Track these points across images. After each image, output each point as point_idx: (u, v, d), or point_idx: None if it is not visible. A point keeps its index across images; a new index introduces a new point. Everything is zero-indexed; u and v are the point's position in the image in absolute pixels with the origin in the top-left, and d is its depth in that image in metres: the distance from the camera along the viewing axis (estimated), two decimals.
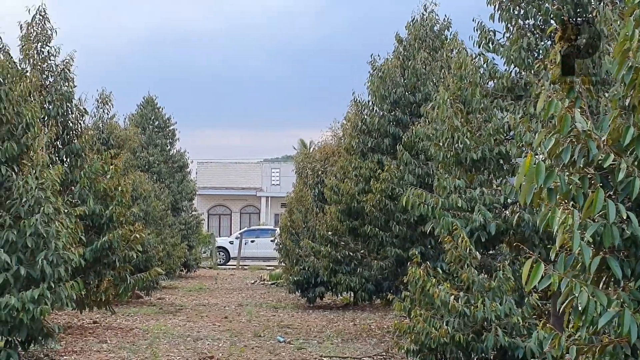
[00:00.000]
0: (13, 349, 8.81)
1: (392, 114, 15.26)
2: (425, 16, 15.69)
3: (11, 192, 9.32)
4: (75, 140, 14.08)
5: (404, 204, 9.70)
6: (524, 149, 8.76)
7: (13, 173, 9.50)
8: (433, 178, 12.04)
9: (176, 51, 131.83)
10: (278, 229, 26.09)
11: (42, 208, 9.04)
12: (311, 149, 26.50)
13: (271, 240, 25.76)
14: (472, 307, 8.07)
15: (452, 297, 8.19)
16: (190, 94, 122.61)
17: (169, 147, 29.39)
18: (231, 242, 36.91)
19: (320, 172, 20.19)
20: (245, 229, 40.67)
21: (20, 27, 14.09)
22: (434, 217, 9.41)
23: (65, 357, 11.35)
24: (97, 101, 18.19)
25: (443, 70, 13.43)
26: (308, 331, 14.53)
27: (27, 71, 13.60)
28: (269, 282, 25.93)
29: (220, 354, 11.84)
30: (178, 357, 11.61)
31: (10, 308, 8.40)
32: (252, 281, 26.72)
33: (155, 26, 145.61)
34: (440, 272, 8.94)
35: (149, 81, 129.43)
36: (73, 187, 13.27)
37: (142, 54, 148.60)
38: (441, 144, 9.81)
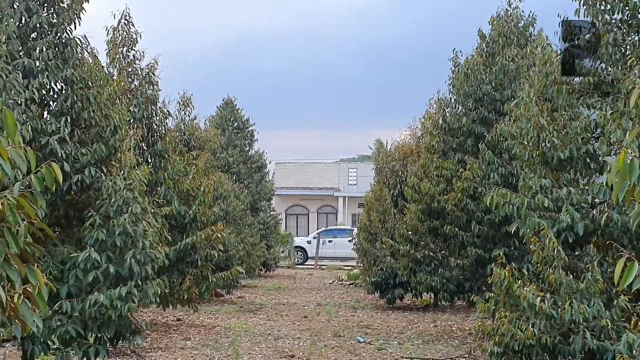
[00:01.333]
0: (102, 345, 9.07)
1: (476, 112, 15.02)
2: (509, 12, 15.42)
3: (100, 193, 9.59)
4: (159, 142, 14.41)
5: (487, 204, 9.51)
6: (613, 147, 8.46)
7: (102, 174, 9.77)
8: (517, 177, 11.80)
9: (251, 52, 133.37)
10: (355, 229, 26.05)
11: (130, 208, 9.27)
12: (388, 148, 26.33)
13: (349, 241, 25.73)
14: (559, 309, 7.86)
15: (539, 298, 7.99)
16: (267, 95, 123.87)
17: (247, 147, 29.73)
18: (309, 242, 37.09)
19: (399, 172, 20.07)
20: (323, 229, 40.76)
21: (107, 32, 14.53)
22: (519, 218, 9.19)
23: (151, 354, 11.62)
24: (179, 104, 18.54)
25: (528, 68, 13.15)
26: (388, 332, 14.46)
27: (113, 75, 14.01)
28: (347, 282, 25.93)
29: (300, 353, 11.91)
30: (260, 356, 11.73)
31: (99, 305, 8.65)
32: (330, 281, 26.77)
33: (230, 28, 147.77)
34: (526, 273, 8.76)
35: (227, 83, 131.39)
36: (158, 188, 13.60)
37: (219, 56, 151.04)
38: (526, 142, 9.58)
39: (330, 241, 36.66)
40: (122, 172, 9.62)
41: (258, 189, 29.28)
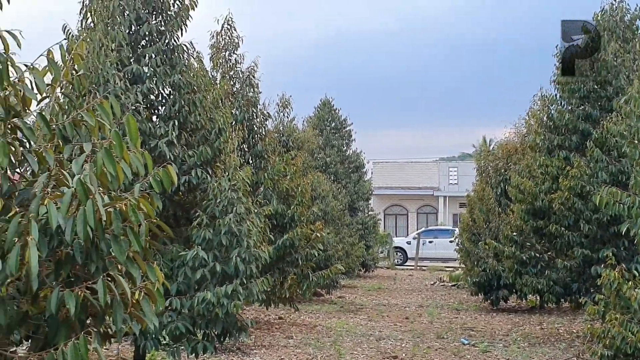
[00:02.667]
0: (210, 341, 9.30)
1: (581, 108, 14.57)
2: (614, 6, 14.88)
3: (206, 193, 9.86)
4: (260, 143, 14.69)
5: (596, 203, 9.20)
6: None
7: (208, 175, 10.04)
8: (627, 175, 11.37)
9: (348, 53, 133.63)
10: (457, 229, 25.69)
11: (234, 208, 9.49)
12: (490, 147, 25.82)
13: (450, 241, 25.41)
14: None
15: None
16: (364, 95, 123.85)
17: (345, 147, 29.80)
18: (408, 243, 36.84)
19: (503, 170, 19.67)
20: (423, 229, 40.39)
21: (211, 37, 14.92)
22: (629, 217, 8.85)
23: (255, 351, 11.84)
24: (278, 105, 18.81)
25: (636, 62, 12.65)
26: (492, 334, 14.20)
27: (217, 79, 14.37)
28: (449, 284, 25.60)
29: (403, 354, 11.85)
30: (362, 356, 11.75)
31: (207, 302, 8.89)
32: (432, 282, 26.50)
33: (330, 30, 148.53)
34: (637, 274, 8.44)
35: (325, 84, 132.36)
36: (260, 188, 13.86)
37: (318, 57, 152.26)
38: (637, 141, 9.21)
39: (430, 242, 36.30)
40: (227, 173, 9.85)
41: (356, 189, 29.32)
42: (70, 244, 3.57)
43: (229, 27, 14.88)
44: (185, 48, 10.65)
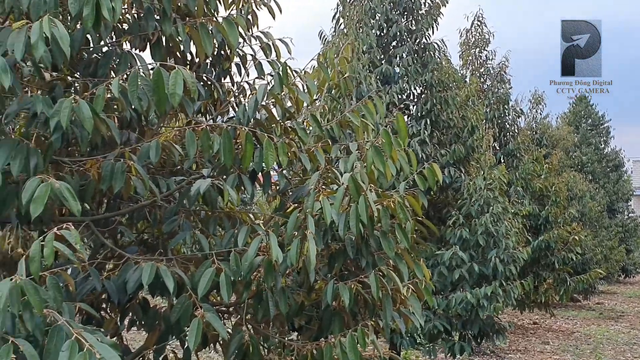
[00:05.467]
0: (467, 342, 9.20)
1: None
2: None
3: (460, 192, 9.78)
4: (511, 142, 14.31)
5: None
6: None
7: (461, 174, 9.95)
8: None
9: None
10: None
11: (491, 207, 9.31)
12: None
13: None
14: None
15: None
16: (627, 89, 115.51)
17: (602, 145, 28.15)
18: None
19: None
20: None
21: (460, 34, 14.81)
22: None
23: (510, 355, 11.52)
24: (530, 102, 18.22)
25: None
26: None
27: (466, 76, 14.23)
28: None
29: None
30: None
31: (465, 303, 8.80)
32: None
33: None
34: None
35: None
36: (510, 188, 13.49)
37: None
38: None
39: None
40: (482, 172, 9.69)
41: (615, 189, 27.54)
42: (343, 238, 3.68)
43: (479, 23, 14.68)
44: (436, 46, 10.65)
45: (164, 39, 3.89)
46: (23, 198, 2.80)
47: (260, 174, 3.94)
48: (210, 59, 4.25)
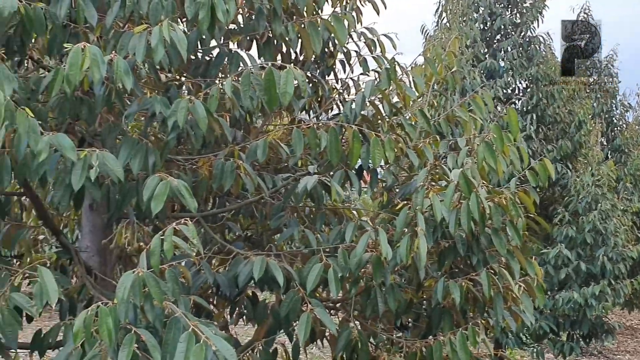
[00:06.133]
0: (575, 342, 8.95)
1: None
2: None
3: (567, 189, 9.50)
4: (619, 137, 13.81)
5: None
6: None
7: (568, 170, 9.68)
8: None
9: None
10: None
11: (599, 205, 9.01)
12: None
13: None
14: None
15: None
16: None
17: None
18: None
19: None
20: None
21: (564, 27, 14.34)
22: None
23: (618, 357, 11.14)
24: (638, 95, 17.47)
25: None
26: None
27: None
28: None
29: None
30: None
31: (572, 302, 8.55)
32: None
33: None
34: None
35: None
36: (617, 184, 13.02)
37: None
38: None
39: None
40: (590, 168, 9.38)
41: None
42: (453, 235, 3.64)
43: (585, 15, 14.16)
44: (542, 39, 10.38)
45: (272, 38, 3.94)
46: (144, 195, 2.89)
47: (365, 170, 3.94)
48: (314, 56, 4.29)
